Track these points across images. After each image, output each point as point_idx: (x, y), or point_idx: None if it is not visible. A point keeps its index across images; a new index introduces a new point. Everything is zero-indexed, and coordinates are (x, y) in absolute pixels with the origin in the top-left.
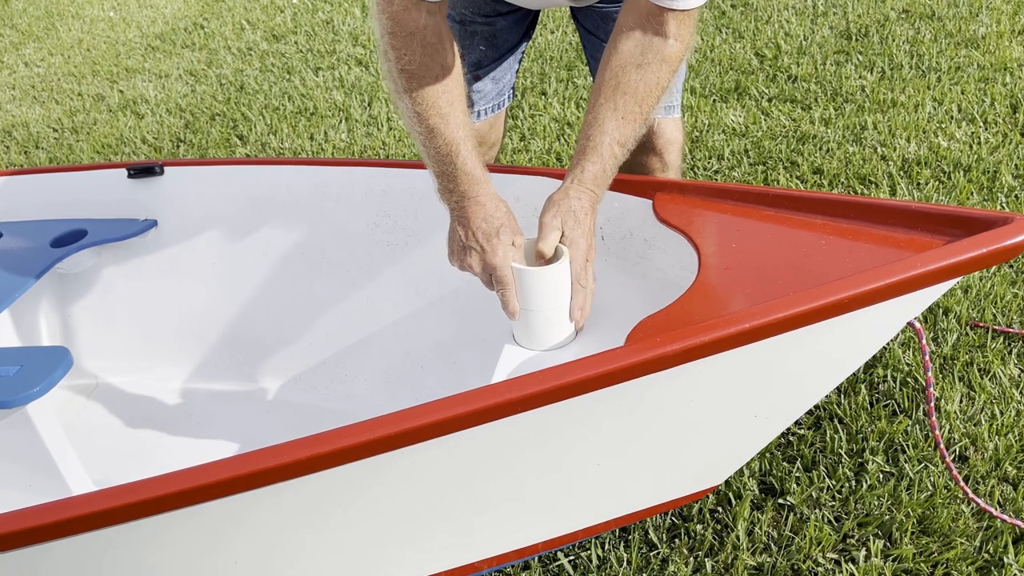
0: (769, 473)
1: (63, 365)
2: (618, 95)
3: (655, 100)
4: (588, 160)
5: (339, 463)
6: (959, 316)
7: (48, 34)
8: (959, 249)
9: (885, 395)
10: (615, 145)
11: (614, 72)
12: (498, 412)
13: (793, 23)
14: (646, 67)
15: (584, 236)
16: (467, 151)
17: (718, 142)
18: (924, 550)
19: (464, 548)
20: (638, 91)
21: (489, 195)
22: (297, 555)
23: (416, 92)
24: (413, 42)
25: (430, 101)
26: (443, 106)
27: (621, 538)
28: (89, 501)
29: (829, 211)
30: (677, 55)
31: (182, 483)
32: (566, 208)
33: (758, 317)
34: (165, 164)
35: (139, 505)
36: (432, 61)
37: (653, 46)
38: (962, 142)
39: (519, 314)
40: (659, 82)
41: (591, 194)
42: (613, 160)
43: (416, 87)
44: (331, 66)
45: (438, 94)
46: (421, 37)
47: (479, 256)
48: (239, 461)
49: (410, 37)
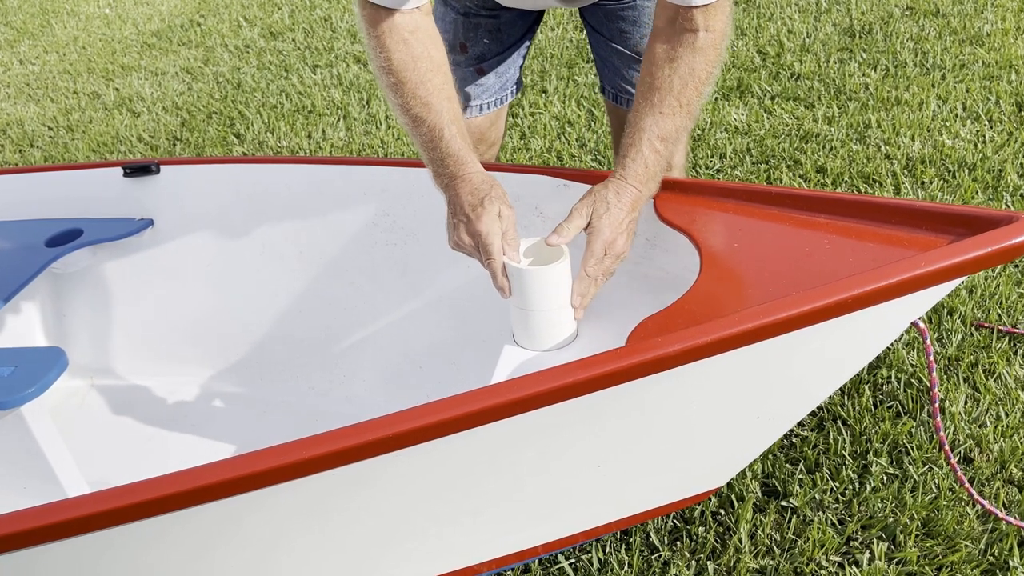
0: (772, 475)
1: (58, 366)
2: (652, 92)
3: (695, 91)
4: (628, 158)
5: (336, 465)
6: (964, 316)
7: (43, 31)
8: (963, 248)
9: (889, 396)
10: (655, 140)
11: (648, 72)
12: (498, 413)
13: (796, 20)
14: (677, 60)
15: (611, 226)
16: (451, 134)
17: (720, 140)
18: (928, 553)
19: (463, 551)
20: (673, 85)
21: (475, 172)
22: (294, 558)
23: (398, 85)
24: (390, 39)
25: (411, 92)
26: (423, 95)
27: (622, 541)
28: (84, 503)
29: (832, 210)
30: (711, 44)
31: (178, 485)
32: (600, 198)
33: (760, 317)
34: (161, 163)
35: (135, 507)
36: (408, 55)
37: (683, 40)
38: (967, 140)
39: (507, 291)
40: (695, 72)
41: (633, 190)
42: (655, 155)
43: (397, 80)
44: (329, 64)
45: (417, 85)
46: (397, 34)
47: (465, 227)
48: (235, 463)
49: (387, 34)
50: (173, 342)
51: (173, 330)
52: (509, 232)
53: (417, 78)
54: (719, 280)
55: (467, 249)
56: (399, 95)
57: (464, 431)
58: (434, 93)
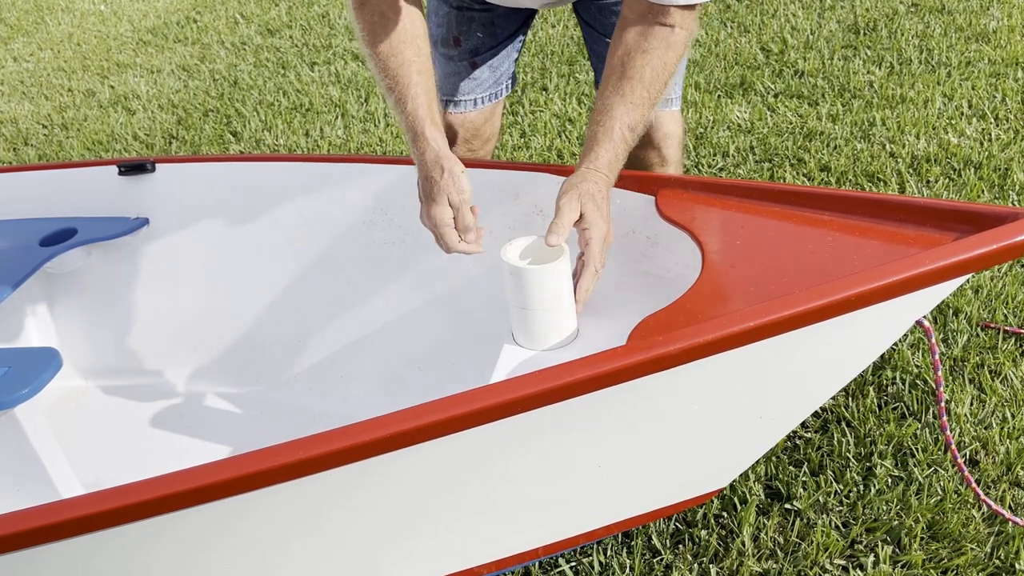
0: (775, 477)
1: (52, 367)
2: (624, 81)
3: (662, 85)
4: (600, 146)
5: (334, 466)
6: (969, 317)
7: (37, 28)
8: (968, 245)
9: (894, 397)
10: (625, 130)
11: (619, 60)
12: (497, 413)
13: (800, 17)
14: (651, 52)
15: (604, 219)
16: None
17: (723, 139)
18: (934, 556)
19: (462, 553)
20: (644, 76)
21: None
22: (292, 559)
23: (375, 57)
24: (366, 11)
25: (384, 63)
26: (395, 67)
27: (624, 544)
28: (79, 505)
29: (835, 207)
30: (681, 41)
31: (174, 486)
32: (586, 191)
33: (763, 315)
34: (157, 161)
35: (130, 509)
36: (384, 29)
37: (657, 33)
38: (973, 138)
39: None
40: (665, 66)
41: (606, 179)
42: (624, 145)
43: (375, 52)
44: (327, 61)
45: (390, 55)
46: (374, 6)
47: (424, 207)
48: (232, 463)
49: (363, 7)
50: (169, 342)
51: (169, 330)
52: (463, 213)
53: (392, 50)
54: (721, 278)
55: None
56: (376, 65)
57: (463, 431)
58: (404, 65)
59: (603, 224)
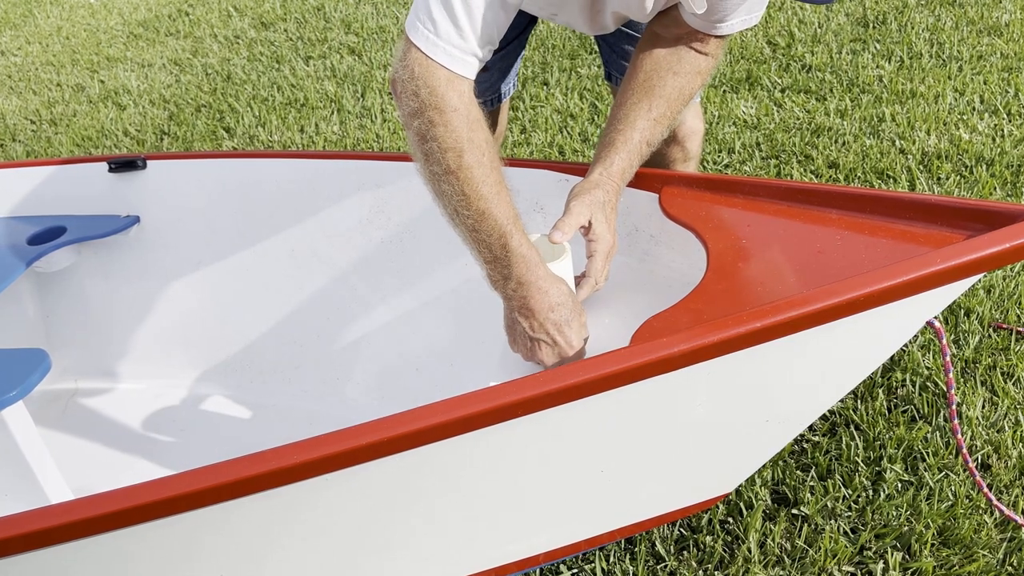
0: (782, 482)
1: (41, 368)
2: (653, 97)
3: (682, 107)
4: (618, 154)
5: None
6: (981, 317)
7: (25, 21)
8: (981, 244)
9: (904, 400)
10: (643, 144)
11: (649, 74)
12: (497, 416)
13: (807, 9)
14: (682, 76)
15: (611, 232)
16: (520, 234)
17: (729, 135)
18: (945, 563)
19: (461, 559)
20: (672, 97)
21: (548, 278)
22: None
23: (463, 172)
24: (457, 118)
25: (479, 180)
26: (491, 187)
27: (627, 550)
28: (68, 510)
29: (844, 205)
30: (709, 69)
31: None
32: (597, 201)
33: (769, 316)
34: (148, 158)
35: (120, 514)
36: (477, 138)
37: (690, 59)
38: (985, 135)
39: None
40: (691, 92)
41: (617, 188)
42: (639, 158)
43: (462, 167)
44: (322, 55)
45: (485, 174)
46: (465, 112)
47: (550, 349)
48: (223, 468)
49: (455, 113)
50: (160, 343)
51: (160, 331)
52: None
53: (486, 166)
54: (726, 278)
55: (543, 364)
56: (465, 183)
57: (462, 435)
58: (500, 184)
59: (609, 238)
